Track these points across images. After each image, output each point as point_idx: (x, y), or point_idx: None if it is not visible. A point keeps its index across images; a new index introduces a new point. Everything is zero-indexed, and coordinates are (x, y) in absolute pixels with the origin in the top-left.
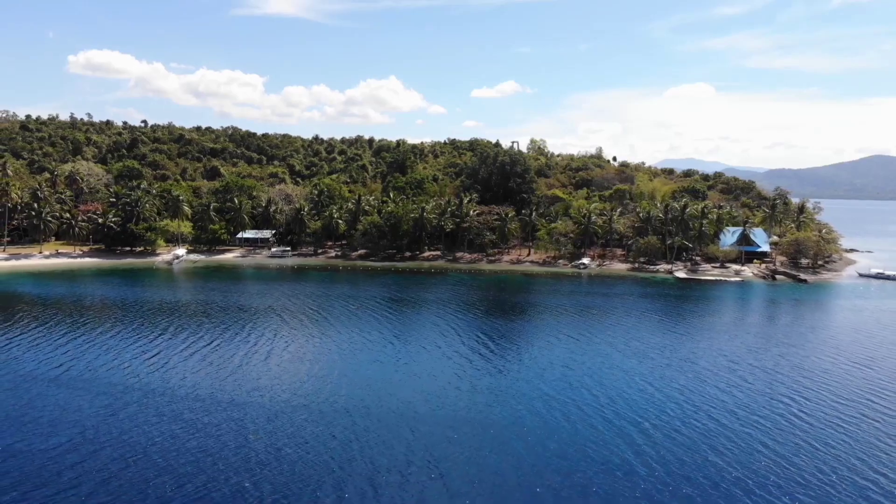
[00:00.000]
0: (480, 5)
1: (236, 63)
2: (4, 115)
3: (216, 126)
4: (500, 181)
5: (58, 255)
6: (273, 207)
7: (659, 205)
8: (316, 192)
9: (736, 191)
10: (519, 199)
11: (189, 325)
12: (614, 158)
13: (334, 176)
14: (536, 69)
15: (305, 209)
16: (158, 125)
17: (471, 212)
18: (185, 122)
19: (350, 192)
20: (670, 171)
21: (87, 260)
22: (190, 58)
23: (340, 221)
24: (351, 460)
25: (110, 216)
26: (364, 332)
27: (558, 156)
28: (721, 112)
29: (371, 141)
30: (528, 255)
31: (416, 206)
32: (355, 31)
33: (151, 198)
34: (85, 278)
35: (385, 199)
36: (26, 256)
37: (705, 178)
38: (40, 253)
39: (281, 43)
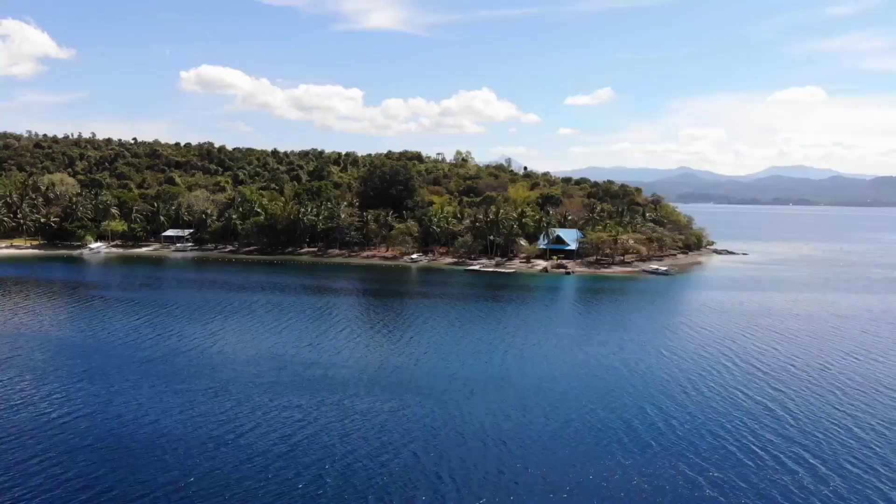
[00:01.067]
0: (577, 12)
1: (337, 77)
2: (27, 135)
3: (313, 139)
4: (384, 189)
5: (10, 247)
6: (182, 211)
7: (490, 211)
8: (230, 198)
9: (619, 198)
10: (402, 205)
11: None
12: (525, 168)
13: (252, 186)
14: (634, 75)
15: (210, 211)
16: (145, 142)
17: (342, 214)
18: (290, 135)
19: (261, 196)
20: (581, 181)
21: (31, 251)
22: (294, 73)
23: (238, 222)
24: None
25: (51, 217)
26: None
27: (491, 166)
28: (833, 117)
29: (342, 155)
30: (387, 251)
31: (295, 208)
32: (450, 43)
33: (86, 202)
34: (19, 263)
35: (280, 202)
36: None
37: (595, 185)
38: None
39: (380, 56)
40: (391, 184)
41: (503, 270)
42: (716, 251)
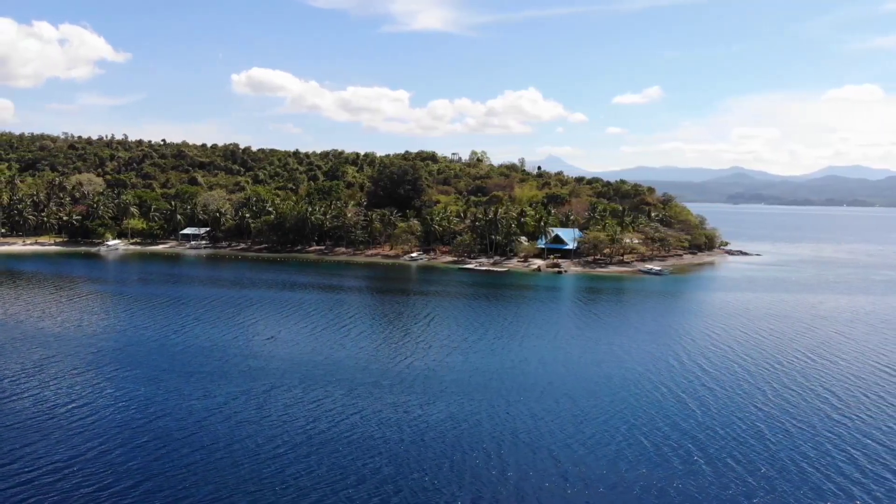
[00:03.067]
0: (625, 10)
1: (385, 79)
2: (64, 136)
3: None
4: (392, 188)
5: (35, 243)
6: (198, 210)
7: (490, 210)
8: (245, 197)
9: (630, 197)
10: (410, 204)
11: (59, 283)
12: (539, 168)
13: (266, 186)
14: (684, 73)
15: (224, 210)
16: (172, 143)
17: (348, 213)
18: (338, 137)
19: (275, 195)
20: (591, 181)
21: (53, 247)
22: (342, 75)
23: (250, 220)
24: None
25: (73, 215)
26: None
27: (503, 166)
28: (892, 115)
29: (360, 155)
30: (390, 249)
31: (303, 207)
32: (497, 43)
33: (107, 201)
34: (39, 258)
35: (291, 201)
36: (10, 244)
37: (606, 184)
38: (23, 242)
39: (426, 57)
40: (399, 183)
41: (496, 269)
42: (728, 252)
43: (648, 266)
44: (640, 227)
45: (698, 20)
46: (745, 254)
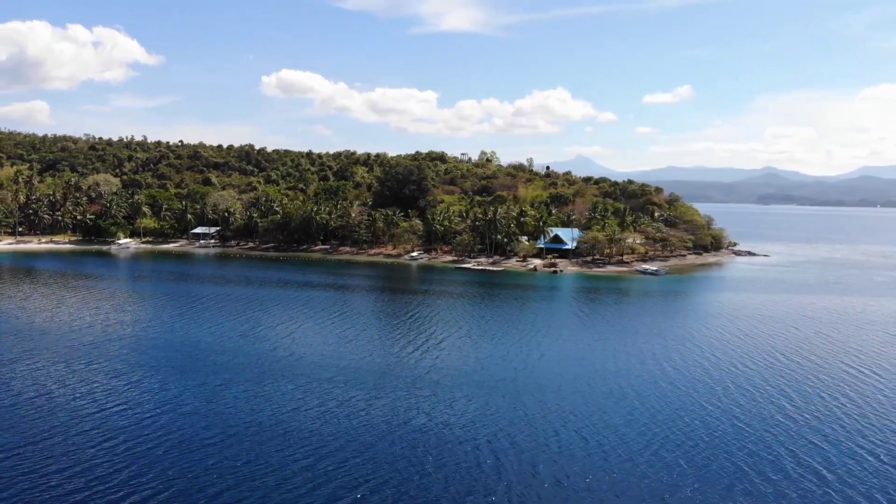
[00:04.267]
0: (655, 8)
1: (413, 80)
2: (84, 138)
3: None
4: (398, 189)
5: (50, 242)
6: (208, 210)
7: (489, 210)
8: (255, 197)
9: (636, 197)
10: (415, 204)
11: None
12: (547, 168)
13: (277, 186)
14: (716, 72)
15: (233, 209)
16: (189, 144)
17: (352, 213)
18: (366, 138)
19: (284, 195)
20: (597, 181)
21: (67, 246)
22: (371, 76)
23: (258, 220)
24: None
25: (87, 214)
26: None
27: (510, 166)
28: None
29: (371, 156)
30: (393, 249)
31: (309, 206)
32: (525, 43)
33: (121, 201)
34: (52, 256)
35: (298, 201)
36: (27, 242)
37: (613, 184)
38: (38, 241)
39: (454, 58)
40: (404, 184)
41: (492, 269)
42: (735, 252)
43: (645, 266)
44: (641, 227)
45: (730, 18)
46: (753, 254)
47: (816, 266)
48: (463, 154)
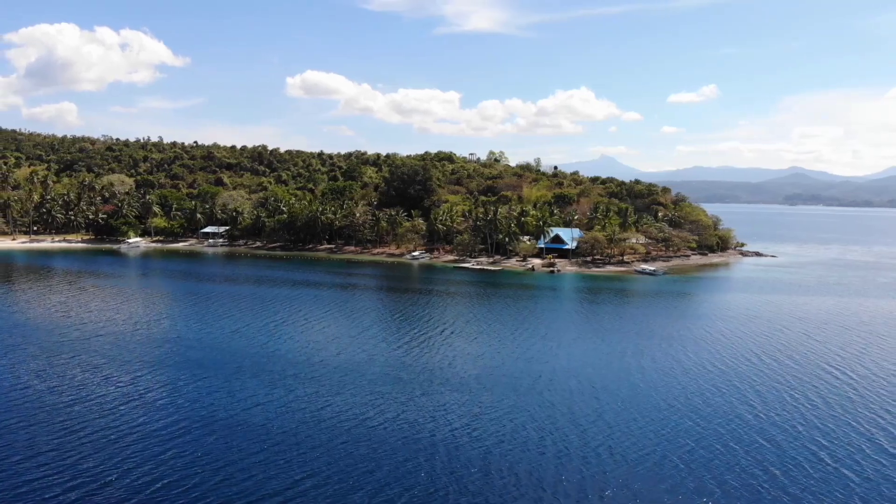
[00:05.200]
0: (680, 7)
1: (436, 80)
2: (102, 139)
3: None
4: (403, 189)
5: (63, 241)
6: (217, 209)
7: (490, 210)
8: (263, 197)
9: (642, 197)
10: (420, 204)
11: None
12: (555, 168)
13: (287, 186)
14: (742, 71)
15: (241, 209)
16: (203, 145)
17: (356, 213)
18: (390, 138)
19: (293, 195)
20: (604, 181)
21: (80, 245)
22: (394, 77)
23: (265, 219)
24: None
25: (99, 214)
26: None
27: (517, 166)
28: None
29: (381, 156)
30: (397, 248)
31: (316, 206)
32: (549, 42)
33: (132, 201)
34: (64, 254)
35: (306, 201)
36: (40, 241)
37: (621, 184)
38: (51, 240)
39: (477, 58)
40: (409, 184)
41: (490, 268)
42: (742, 253)
43: (643, 266)
44: (643, 227)
45: (755, 16)
46: (761, 255)
47: (822, 267)
48: (471, 154)
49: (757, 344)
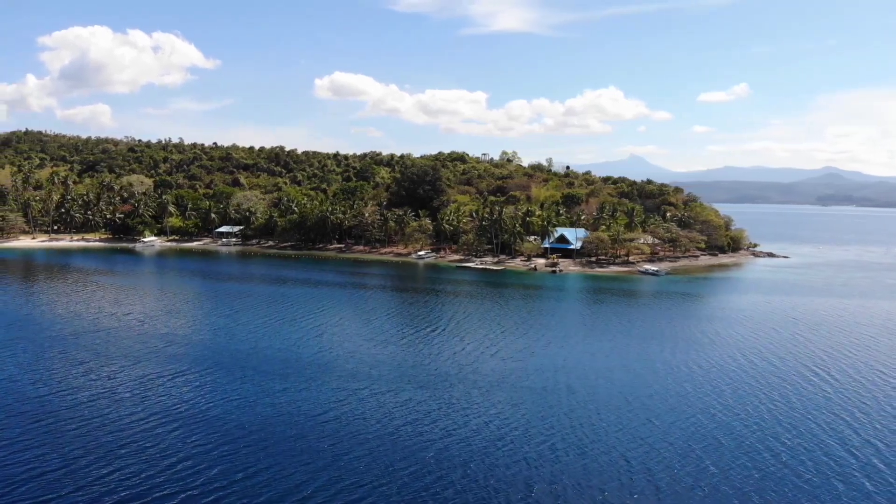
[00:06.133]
0: (711, 5)
1: (463, 81)
2: (124, 140)
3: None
4: (413, 189)
5: (81, 240)
6: (231, 209)
7: (495, 210)
8: (277, 197)
9: (653, 197)
10: (429, 204)
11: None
12: (567, 168)
13: (302, 187)
14: (774, 69)
15: (254, 209)
16: (221, 146)
17: (365, 213)
18: (416, 139)
19: (306, 195)
20: (616, 181)
21: (97, 244)
22: (421, 78)
23: (277, 219)
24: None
25: (116, 214)
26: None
27: (530, 166)
28: None
29: (395, 157)
30: (404, 248)
31: (326, 206)
32: (577, 42)
33: (149, 201)
34: (82, 253)
35: (317, 201)
36: (59, 240)
37: (631, 184)
38: (70, 239)
39: (504, 58)
40: (419, 184)
41: (492, 268)
42: (754, 253)
43: (647, 266)
44: (650, 227)
45: (788, 13)
46: (773, 256)
47: (833, 268)
48: (484, 154)
49: (744, 344)
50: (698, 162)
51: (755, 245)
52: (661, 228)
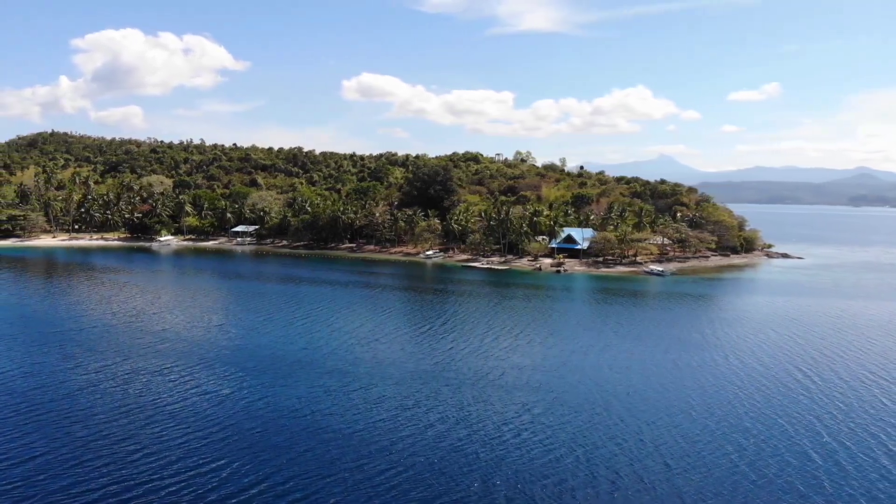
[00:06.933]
0: (742, 3)
1: (489, 81)
2: (147, 141)
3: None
4: (424, 189)
5: (101, 239)
6: (247, 209)
7: (502, 210)
8: (291, 197)
9: (666, 197)
10: (440, 204)
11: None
12: (581, 168)
13: (317, 187)
14: (805, 68)
15: (269, 209)
16: (241, 147)
17: (375, 213)
18: (442, 139)
19: (320, 195)
20: (629, 181)
21: (116, 242)
22: (448, 78)
23: (291, 219)
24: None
25: (135, 213)
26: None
27: (542, 166)
28: None
29: (410, 157)
30: (415, 248)
31: (338, 206)
32: (605, 41)
33: (167, 201)
34: (100, 251)
35: (330, 201)
36: (79, 239)
37: (645, 184)
38: (90, 238)
39: (531, 58)
40: (430, 184)
41: (496, 268)
42: (768, 254)
43: (652, 267)
44: (659, 227)
45: (820, 11)
46: (788, 256)
47: (845, 269)
48: (498, 154)
49: (734, 345)
50: (728, 162)
51: (770, 246)
52: (670, 228)
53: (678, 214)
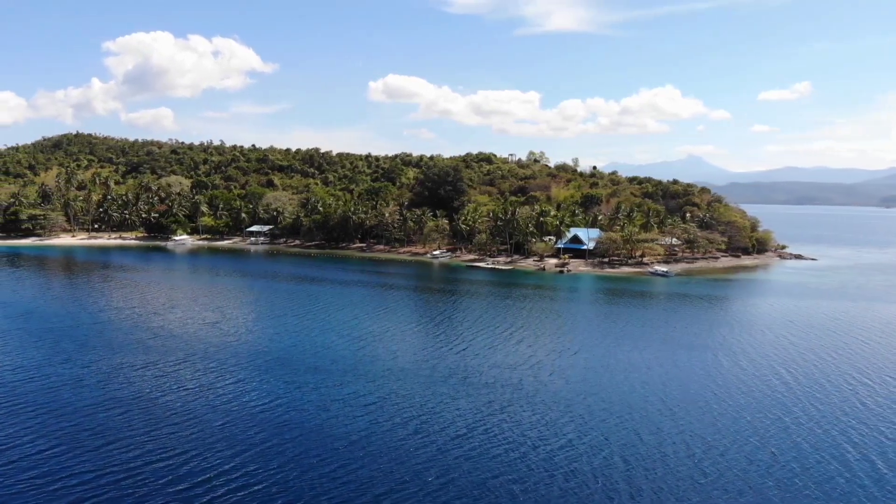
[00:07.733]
0: (770, 2)
1: (515, 81)
2: (168, 142)
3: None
4: (434, 189)
5: (118, 238)
6: (261, 209)
7: (508, 211)
8: (305, 198)
9: (677, 197)
10: (450, 205)
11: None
12: (594, 168)
13: (332, 188)
14: (837, 66)
15: (282, 209)
16: (259, 148)
17: (385, 213)
18: (468, 140)
19: (333, 196)
20: (641, 181)
21: (133, 241)
22: (474, 79)
23: (303, 219)
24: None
25: (151, 213)
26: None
27: (555, 166)
28: None
29: (425, 157)
30: (423, 248)
31: (349, 206)
32: (633, 40)
33: (183, 201)
34: (118, 250)
35: (342, 201)
36: (98, 238)
37: (657, 184)
38: (108, 237)
39: (559, 58)
40: (440, 184)
41: (500, 268)
42: (781, 255)
43: (657, 267)
44: (667, 228)
45: (852, 8)
46: (801, 258)
47: (856, 271)
48: (511, 155)
49: (724, 346)
50: (758, 162)
51: (783, 247)
52: (679, 229)
53: (688, 215)
